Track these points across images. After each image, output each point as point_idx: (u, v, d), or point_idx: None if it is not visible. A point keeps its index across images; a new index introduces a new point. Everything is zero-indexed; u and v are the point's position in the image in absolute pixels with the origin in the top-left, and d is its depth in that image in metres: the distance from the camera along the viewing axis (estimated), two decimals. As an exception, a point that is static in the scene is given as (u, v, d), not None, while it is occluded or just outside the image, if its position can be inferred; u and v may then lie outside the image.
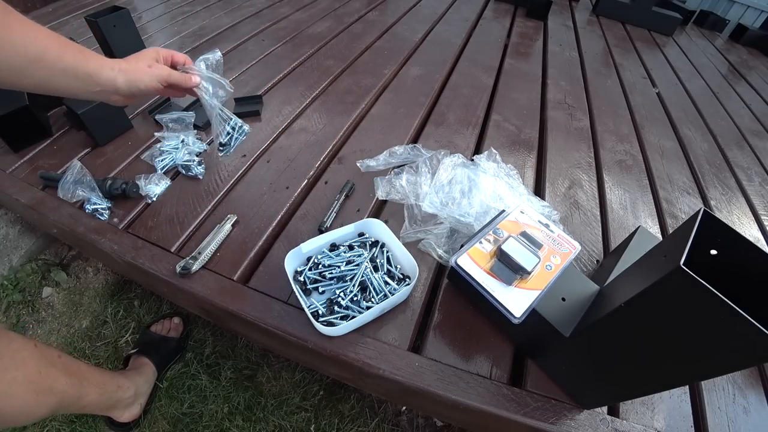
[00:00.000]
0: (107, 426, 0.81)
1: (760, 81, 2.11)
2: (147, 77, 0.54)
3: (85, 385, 0.65)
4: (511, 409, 0.57)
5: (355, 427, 0.88)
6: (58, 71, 0.45)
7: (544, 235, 0.64)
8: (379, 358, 0.60)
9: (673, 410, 0.62)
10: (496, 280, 0.58)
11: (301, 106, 1.10)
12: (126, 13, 1.06)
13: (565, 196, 0.97)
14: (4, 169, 0.84)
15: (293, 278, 0.63)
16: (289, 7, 1.73)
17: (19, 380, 0.51)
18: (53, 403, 0.57)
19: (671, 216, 1.00)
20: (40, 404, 0.55)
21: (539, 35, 1.92)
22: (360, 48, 1.46)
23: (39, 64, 0.43)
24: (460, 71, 1.43)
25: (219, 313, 0.67)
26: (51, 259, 1.07)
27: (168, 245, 0.72)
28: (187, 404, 0.87)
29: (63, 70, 0.45)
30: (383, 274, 0.66)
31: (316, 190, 0.86)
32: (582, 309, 0.55)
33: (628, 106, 1.47)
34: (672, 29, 2.43)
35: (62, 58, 0.45)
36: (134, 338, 0.96)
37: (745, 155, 1.37)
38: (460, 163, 0.86)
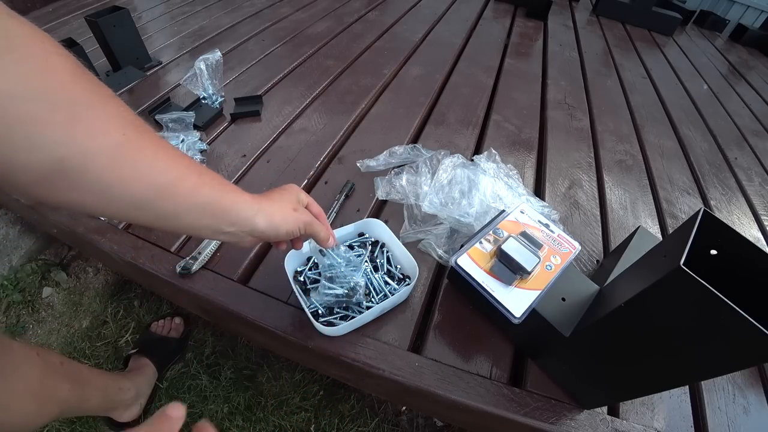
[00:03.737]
0: (107, 426, 0.81)
1: (760, 81, 2.11)
2: (292, 221, 0.44)
3: (87, 389, 0.64)
4: (511, 409, 0.57)
5: (355, 427, 0.88)
6: (190, 206, 0.35)
7: (544, 235, 0.64)
8: (379, 358, 0.60)
9: (673, 410, 0.62)
10: (496, 280, 0.58)
11: (301, 106, 1.10)
12: (126, 13, 1.06)
13: (565, 196, 0.97)
14: (4, 169, 0.84)
15: (293, 278, 0.63)
16: (289, 7, 1.73)
17: (21, 392, 0.50)
18: (55, 412, 0.57)
19: (671, 216, 1.00)
20: (42, 414, 0.54)
21: (539, 35, 1.92)
22: (360, 48, 1.46)
23: (167, 196, 0.33)
24: (460, 71, 1.43)
25: (219, 313, 0.67)
26: (51, 259, 1.07)
27: (168, 245, 0.72)
28: (187, 404, 0.87)
29: (195, 206, 0.35)
30: (383, 274, 0.66)
31: (316, 190, 0.86)
32: (582, 309, 0.55)
33: (628, 106, 1.47)
34: (672, 29, 2.43)
35: (198, 190, 0.35)
36: (134, 338, 0.96)
37: (745, 155, 1.37)
38: (459, 163, 0.86)
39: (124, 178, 0.30)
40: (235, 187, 0.40)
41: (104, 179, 0.29)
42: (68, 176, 0.28)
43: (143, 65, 1.17)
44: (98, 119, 0.28)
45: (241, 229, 0.40)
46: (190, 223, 0.36)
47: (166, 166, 0.33)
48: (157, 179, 0.32)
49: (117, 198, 0.31)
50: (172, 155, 0.34)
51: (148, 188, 0.32)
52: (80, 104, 0.27)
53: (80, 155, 0.27)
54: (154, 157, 0.32)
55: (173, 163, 0.33)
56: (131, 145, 0.30)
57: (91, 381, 0.66)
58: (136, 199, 0.31)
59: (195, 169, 0.36)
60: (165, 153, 0.33)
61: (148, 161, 0.31)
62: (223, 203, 0.37)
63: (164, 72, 1.19)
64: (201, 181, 0.35)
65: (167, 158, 0.33)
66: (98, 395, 0.67)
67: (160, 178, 0.32)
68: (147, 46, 1.19)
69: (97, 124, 0.28)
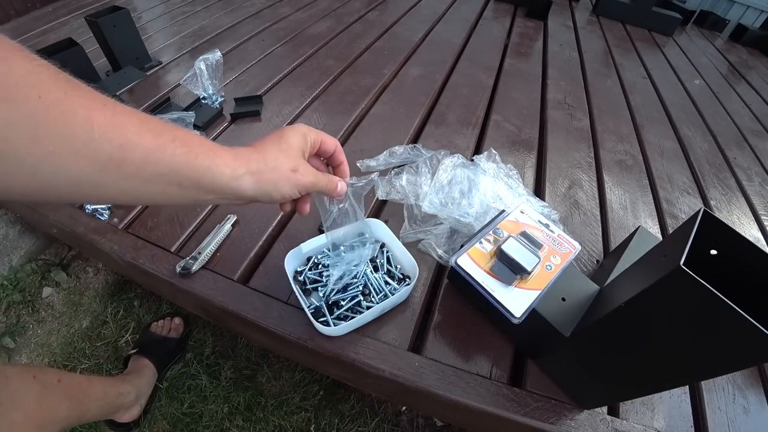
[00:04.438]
0: (107, 426, 0.81)
1: (760, 81, 2.11)
2: (287, 186, 0.37)
3: (86, 402, 0.64)
4: (511, 409, 0.57)
5: (355, 427, 0.88)
6: (148, 177, 0.28)
7: (544, 235, 0.64)
8: (379, 358, 0.60)
9: (673, 410, 0.62)
10: (496, 280, 0.58)
11: (301, 106, 1.10)
12: (126, 13, 1.06)
13: (565, 196, 0.97)
14: (4, 169, 0.84)
15: (293, 278, 0.63)
16: (289, 7, 1.73)
17: (20, 422, 0.49)
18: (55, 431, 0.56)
19: (671, 216, 1.00)
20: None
21: (539, 35, 1.92)
22: (360, 48, 1.46)
23: (113, 168, 0.27)
24: (460, 71, 1.43)
25: (219, 313, 0.67)
26: (51, 259, 1.07)
27: (168, 245, 0.72)
28: (187, 404, 0.87)
29: (155, 176, 0.29)
30: (383, 274, 0.66)
31: (316, 190, 0.86)
32: (582, 309, 0.55)
33: (628, 106, 1.47)
34: (672, 29, 2.43)
35: (155, 156, 0.28)
36: (134, 338, 0.96)
37: (745, 155, 1.37)
38: (459, 163, 0.86)
39: (49, 153, 0.24)
40: (210, 146, 0.32)
41: (24, 158, 0.23)
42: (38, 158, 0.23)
43: (143, 65, 1.17)
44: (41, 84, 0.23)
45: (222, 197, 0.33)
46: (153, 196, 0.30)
47: (104, 130, 0.26)
48: (95, 149, 0.25)
49: (49, 179, 0.24)
50: (111, 114, 0.26)
51: (87, 163, 0.25)
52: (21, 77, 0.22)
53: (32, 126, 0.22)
54: (86, 121, 0.25)
55: (115, 125, 0.26)
56: (52, 110, 0.23)
57: (89, 393, 0.65)
58: (72, 176, 0.25)
59: (151, 128, 0.28)
60: (101, 113, 0.26)
61: (78, 127, 0.25)
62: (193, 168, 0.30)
63: (164, 72, 1.19)
64: (158, 144, 0.28)
65: (105, 120, 0.26)
66: (98, 405, 0.67)
67: (98, 147, 0.25)
68: (147, 46, 1.19)
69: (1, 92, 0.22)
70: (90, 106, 0.25)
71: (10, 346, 0.92)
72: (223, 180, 0.32)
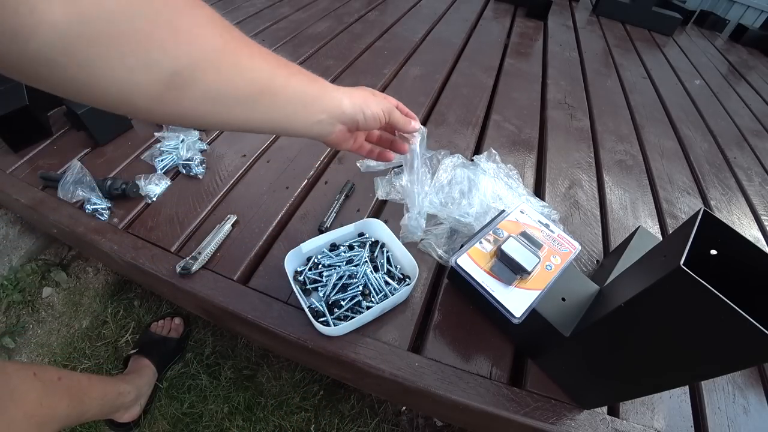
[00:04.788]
0: (107, 426, 0.81)
1: (760, 81, 2.11)
2: (374, 104, 0.46)
3: (87, 401, 0.64)
4: (511, 409, 0.57)
5: (355, 427, 0.88)
6: (287, 98, 0.37)
7: (544, 235, 0.64)
8: (379, 358, 0.60)
9: (673, 410, 0.62)
10: (496, 280, 0.58)
11: (301, 106, 1.10)
12: (126, 13, 1.06)
13: (565, 196, 0.97)
14: (4, 169, 0.84)
15: (293, 278, 0.63)
16: (289, 7, 1.73)
17: (19, 419, 0.50)
18: (55, 429, 0.56)
19: (671, 216, 1.00)
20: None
21: (539, 35, 1.92)
22: (360, 48, 1.46)
23: (267, 90, 0.35)
24: (460, 71, 1.43)
25: (219, 313, 0.67)
26: (51, 259, 1.07)
27: (168, 245, 0.72)
28: (187, 404, 0.87)
29: (291, 97, 0.38)
30: (383, 274, 0.66)
31: (316, 190, 0.86)
32: (582, 309, 0.55)
33: (628, 106, 1.47)
34: (672, 29, 2.43)
35: (290, 81, 0.37)
36: (134, 338, 0.96)
37: (745, 155, 1.37)
38: (459, 163, 0.86)
39: (230, 80, 0.32)
40: (318, 77, 0.41)
41: (212, 84, 0.31)
42: (181, 88, 0.29)
43: (143, 65, 1.17)
44: (197, 27, 0.29)
45: (331, 115, 0.42)
46: (286, 117, 0.38)
47: (261, 63, 0.35)
48: (256, 76, 0.34)
49: (224, 100, 0.32)
50: (263, 53, 0.35)
51: (251, 85, 0.34)
52: (178, 15, 0.27)
53: (189, 66, 0.28)
54: (250, 56, 0.33)
55: (266, 61, 0.35)
56: (229, 47, 0.31)
57: (89, 392, 0.65)
58: (242, 97, 0.33)
59: (283, 63, 0.38)
60: (258, 51, 0.35)
61: (246, 60, 0.33)
62: (312, 91, 0.40)
63: (164, 72, 1.19)
64: (290, 73, 0.37)
65: (260, 56, 0.35)
66: (98, 404, 0.67)
67: (259, 74, 0.34)
68: (147, 46, 1.18)
69: (197, 32, 0.29)
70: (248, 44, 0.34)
71: (10, 346, 0.92)
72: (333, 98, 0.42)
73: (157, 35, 0.26)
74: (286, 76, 0.37)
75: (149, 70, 0.26)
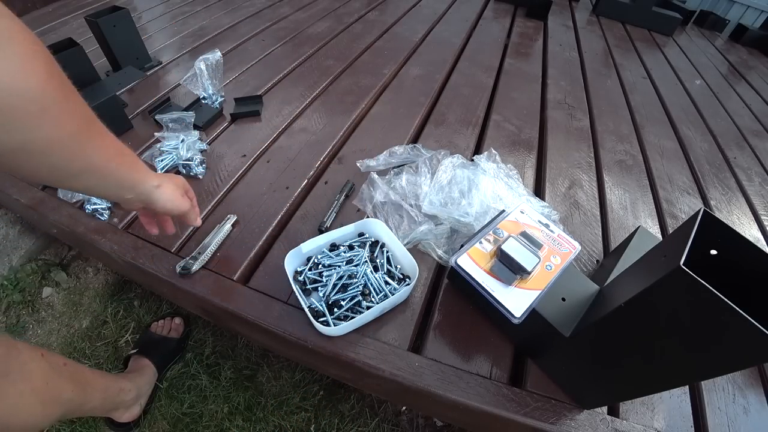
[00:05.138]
0: (107, 426, 0.81)
1: (760, 81, 2.11)
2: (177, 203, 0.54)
3: (89, 391, 0.64)
4: (511, 409, 0.57)
5: (355, 427, 0.88)
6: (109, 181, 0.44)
7: (544, 235, 0.64)
8: (379, 358, 0.60)
9: (673, 410, 0.62)
10: (496, 280, 0.58)
11: (301, 106, 1.10)
12: (126, 13, 1.06)
13: (565, 196, 0.97)
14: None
15: (293, 278, 0.63)
16: (289, 7, 1.73)
17: (27, 393, 0.51)
18: (58, 413, 0.57)
19: (671, 216, 1.00)
20: (47, 415, 0.54)
21: (539, 35, 1.92)
22: (360, 48, 1.46)
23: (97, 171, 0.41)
24: (460, 71, 1.43)
25: (219, 313, 0.67)
26: (51, 259, 1.07)
27: (168, 245, 0.72)
28: (187, 404, 0.87)
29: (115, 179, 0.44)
30: (383, 274, 0.66)
31: (316, 190, 0.86)
32: (582, 309, 0.55)
33: (628, 106, 1.47)
34: (672, 29, 2.43)
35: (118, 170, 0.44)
36: (134, 338, 0.96)
37: (745, 155, 1.37)
38: (459, 163, 0.86)
39: (72, 159, 0.38)
40: (143, 166, 0.48)
41: (56, 159, 0.37)
42: (30, 154, 0.34)
43: (143, 65, 1.17)
44: (63, 112, 0.35)
45: (138, 198, 0.49)
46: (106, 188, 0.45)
47: (104, 151, 0.41)
48: (94, 161, 0.40)
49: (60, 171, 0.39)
50: (108, 141, 0.42)
51: (86, 166, 0.40)
52: (50, 100, 0.33)
53: (45, 140, 0.34)
54: (97, 144, 0.40)
55: (108, 148, 0.42)
56: (81, 135, 0.38)
57: (92, 382, 0.66)
58: (73, 173, 0.40)
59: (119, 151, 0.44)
60: (103, 140, 0.41)
61: (91, 147, 0.39)
62: (134, 178, 0.47)
63: (164, 72, 1.19)
64: (122, 162, 0.44)
65: (104, 144, 0.41)
66: (99, 396, 0.67)
67: (96, 159, 0.41)
68: (147, 46, 1.19)
69: (61, 117, 0.35)
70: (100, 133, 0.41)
71: (10, 346, 0.92)
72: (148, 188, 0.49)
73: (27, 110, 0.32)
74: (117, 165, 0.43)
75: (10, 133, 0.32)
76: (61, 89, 0.35)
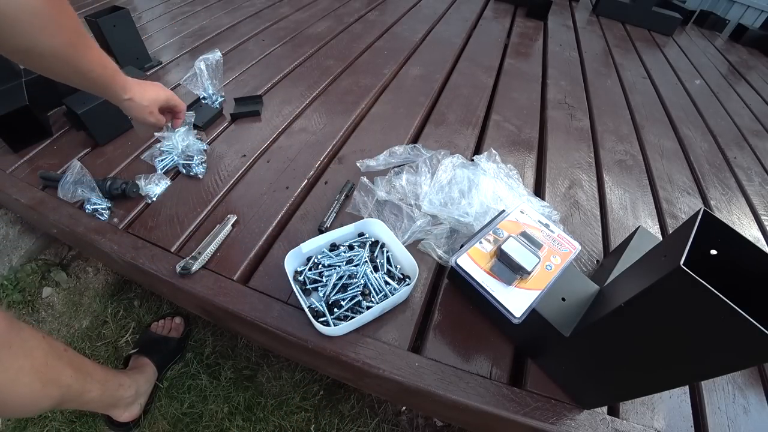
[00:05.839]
0: (107, 426, 0.81)
1: (760, 81, 2.11)
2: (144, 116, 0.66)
3: (89, 380, 0.65)
4: (511, 409, 0.57)
5: (355, 427, 0.88)
6: (94, 87, 0.56)
7: (544, 235, 0.64)
8: (379, 358, 0.60)
9: (673, 410, 0.62)
10: (496, 280, 0.58)
11: (301, 106, 1.10)
12: (126, 13, 1.06)
13: (565, 196, 0.97)
14: (4, 169, 0.84)
15: (293, 278, 0.63)
16: (289, 7, 1.73)
17: (27, 369, 0.51)
18: (57, 396, 0.57)
19: (671, 216, 1.00)
20: (45, 395, 0.55)
21: (539, 35, 1.92)
22: (360, 48, 1.46)
23: (83, 77, 0.52)
24: (460, 71, 1.43)
25: (219, 313, 0.67)
26: (51, 259, 1.07)
27: (168, 245, 0.72)
28: (187, 404, 0.87)
29: (97, 86, 0.56)
30: (383, 274, 0.66)
31: (316, 190, 0.86)
32: (582, 309, 0.55)
33: (628, 106, 1.47)
34: (672, 29, 2.43)
35: (99, 79, 0.55)
36: (134, 338, 0.96)
37: (745, 155, 1.37)
38: (459, 163, 0.86)
39: (65, 63, 0.49)
40: (121, 79, 0.58)
41: (53, 61, 0.48)
42: (34, 56, 0.46)
43: (143, 65, 1.17)
44: (58, 27, 0.46)
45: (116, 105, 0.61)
46: (94, 93, 0.57)
47: (87, 61, 0.51)
48: (81, 67, 0.51)
49: (57, 71, 0.49)
50: (93, 54, 0.52)
51: (75, 70, 0.50)
52: (48, 17, 0.44)
53: (45, 46, 0.45)
54: (82, 54, 0.50)
55: (91, 59, 0.52)
56: (71, 47, 0.48)
57: (92, 372, 0.66)
58: (67, 74, 0.50)
59: (102, 63, 0.54)
60: (89, 52, 0.51)
61: (78, 56, 0.49)
62: (111, 87, 0.58)
63: (164, 72, 1.19)
64: (103, 73, 0.54)
65: (89, 55, 0.51)
66: (98, 388, 0.67)
67: (82, 66, 0.51)
68: (147, 46, 1.19)
69: (57, 30, 0.46)
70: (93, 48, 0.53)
71: (10, 346, 0.92)
72: (118, 98, 0.61)
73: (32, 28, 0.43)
74: (98, 74, 0.54)
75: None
76: (58, 7, 0.44)
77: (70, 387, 0.60)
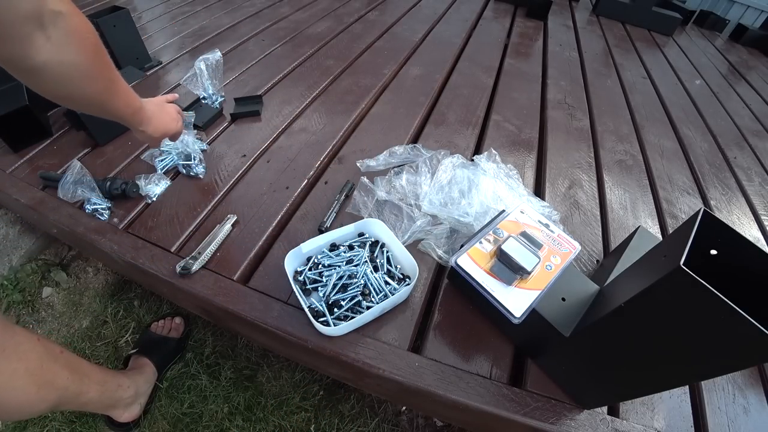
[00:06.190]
0: (107, 426, 0.81)
1: (760, 81, 2.11)
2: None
3: (86, 382, 0.64)
4: (511, 409, 0.57)
5: (355, 427, 0.88)
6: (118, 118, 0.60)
7: (544, 235, 0.64)
8: (379, 358, 0.60)
9: (673, 410, 0.62)
10: (496, 280, 0.58)
11: (301, 106, 1.10)
12: (126, 13, 1.06)
13: (565, 196, 0.97)
14: (4, 169, 0.84)
15: (293, 278, 0.63)
16: (289, 7, 1.73)
17: (21, 373, 0.51)
18: (54, 398, 0.57)
19: (671, 216, 1.00)
20: (41, 398, 0.55)
21: (539, 35, 1.92)
22: (360, 48, 1.46)
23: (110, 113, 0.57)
24: (460, 71, 1.43)
25: (219, 313, 0.67)
26: (51, 259, 1.07)
27: (168, 245, 0.72)
28: (187, 404, 0.87)
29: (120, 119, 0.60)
30: (383, 274, 0.66)
31: (316, 190, 0.86)
32: (582, 309, 0.55)
33: (628, 106, 1.47)
34: (672, 29, 2.43)
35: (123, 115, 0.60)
36: (134, 338, 0.96)
37: (745, 155, 1.37)
38: (459, 163, 0.86)
39: (97, 104, 0.53)
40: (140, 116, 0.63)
41: (87, 103, 0.52)
42: (70, 100, 0.51)
43: (143, 65, 1.17)
44: (97, 78, 0.51)
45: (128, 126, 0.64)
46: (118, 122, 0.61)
47: (115, 102, 0.57)
48: (108, 107, 0.55)
49: (89, 108, 0.54)
50: (121, 96, 0.57)
51: (104, 109, 0.55)
52: (91, 72, 0.49)
53: (82, 93, 0.50)
54: (112, 97, 0.55)
55: (119, 101, 0.57)
56: (105, 93, 0.53)
57: (89, 374, 0.66)
58: (96, 111, 0.55)
59: (127, 103, 0.59)
60: (118, 95, 0.56)
61: (108, 98, 0.54)
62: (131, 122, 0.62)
63: (164, 72, 1.19)
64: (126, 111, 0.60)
65: (118, 97, 0.57)
66: (97, 389, 0.67)
67: (110, 106, 0.55)
68: (147, 46, 1.19)
69: (95, 80, 0.50)
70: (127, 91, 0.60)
71: (10, 346, 0.92)
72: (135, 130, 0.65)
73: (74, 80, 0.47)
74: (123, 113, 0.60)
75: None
76: (99, 62, 0.49)
77: (67, 389, 0.59)
